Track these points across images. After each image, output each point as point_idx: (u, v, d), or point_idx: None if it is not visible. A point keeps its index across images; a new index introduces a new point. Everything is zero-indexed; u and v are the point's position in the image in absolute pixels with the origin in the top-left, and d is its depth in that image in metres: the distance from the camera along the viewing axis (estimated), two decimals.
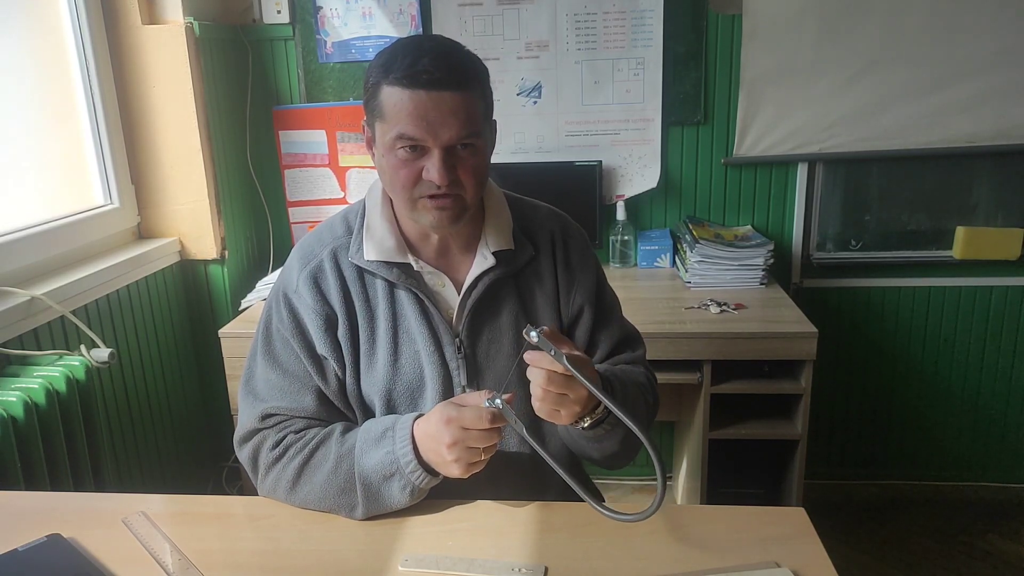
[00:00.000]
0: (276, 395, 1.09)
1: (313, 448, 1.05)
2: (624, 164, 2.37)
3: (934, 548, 2.27)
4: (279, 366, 1.09)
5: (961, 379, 2.45)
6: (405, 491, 0.99)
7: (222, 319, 2.23)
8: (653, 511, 0.83)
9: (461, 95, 0.97)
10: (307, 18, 2.33)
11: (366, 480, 1.00)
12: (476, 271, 1.10)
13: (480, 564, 0.91)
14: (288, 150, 2.43)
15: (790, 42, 2.20)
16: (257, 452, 1.08)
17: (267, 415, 1.09)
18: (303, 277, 1.09)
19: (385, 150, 1.00)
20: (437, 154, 0.98)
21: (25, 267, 1.72)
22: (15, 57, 1.78)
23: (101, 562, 0.94)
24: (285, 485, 1.05)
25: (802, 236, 2.37)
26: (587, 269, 1.17)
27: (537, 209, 1.20)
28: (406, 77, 0.95)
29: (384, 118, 0.98)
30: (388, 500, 1.00)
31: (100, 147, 2.02)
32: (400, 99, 0.96)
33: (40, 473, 1.45)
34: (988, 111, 2.18)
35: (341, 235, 1.12)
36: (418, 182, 1.00)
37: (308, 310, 1.08)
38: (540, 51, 2.31)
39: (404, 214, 1.08)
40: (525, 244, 1.14)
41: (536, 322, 1.14)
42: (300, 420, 1.09)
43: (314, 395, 1.09)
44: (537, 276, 1.14)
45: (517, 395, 1.07)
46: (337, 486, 1.01)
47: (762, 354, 1.90)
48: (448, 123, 0.97)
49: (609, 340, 1.17)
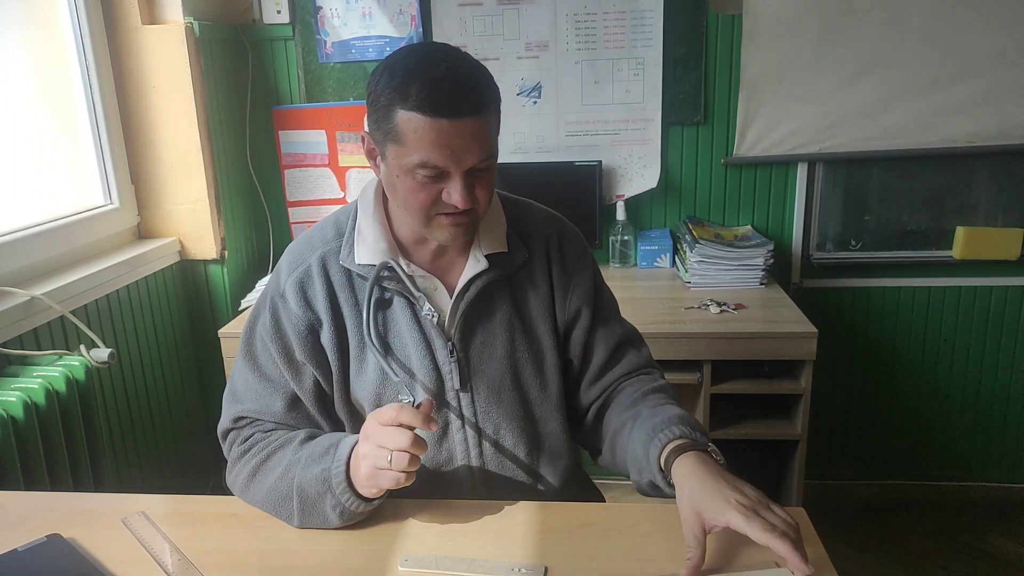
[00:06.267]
0: (250, 397, 1.11)
1: (271, 451, 1.06)
2: (624, 164, 2.37)
3: (934, 548, 2.27)
4: (256, 368, 1.11)
5: (961, 379, 2.45)
6: (335, 511, 0.98)
7: (222, 319, 2.23)
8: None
9: (481, 118, 0.96)
10: (307, 18, 2.33)
11: (303, 494, 0.99)
12: (469, 274, 1.09)
13: (480, 564, 0.91)
14: (288, 150, 2.43)
15: (790, 42, 2.20)
16: (230, 448, 1.12)
17: (239, 417, 1.11)
18: (290, 282, 1.09)
19: (401, 172, 0.99)
20: (459, 179, 0.97)
21: (25, 267, 1.72)
22: (15, 57, 1.77)
23: (101, 562, 0.94)
24: (241, 482, 1.07)
25: (802, 236, 2.37)
26: (584, 271, 1.16)
27: (532, 211, 1.19)
28: (427, 105, 0.92)
29: (401, 142, 0.96)
30: (320, 517, 0.99)
31: (100, 147, 2.02)
32: (420, 126, 0.94)
33: (40, 473, 1.45)
34: (988, 111, 2.18)
35: (331, 239, 1.11)
36: (436, 202, 1.00)
37: (291, 315, 1.08)
38: (540, 51, 2.31)
39: (412, 228, 1.07)
40: (519, 247, 1.13)
41: (529, 325, 1.12)
42: (269, 423, 1.11)
43: (285, 400, 1.10)
44: (531, 279, 1.13)
45: (508, 404, 1.09)
46: (279, 493, 1.01)
47: (762, 354, 1.90)
48: (470, 149, 0.96)
49: (608, 341, 1.16)
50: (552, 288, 1.14)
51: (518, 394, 1.12)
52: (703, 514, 0.87)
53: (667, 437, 0.97)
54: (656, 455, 0.97)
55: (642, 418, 1.05)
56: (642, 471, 1.01)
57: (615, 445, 1.10)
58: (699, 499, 0.88)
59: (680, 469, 0.93)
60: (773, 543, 0.82)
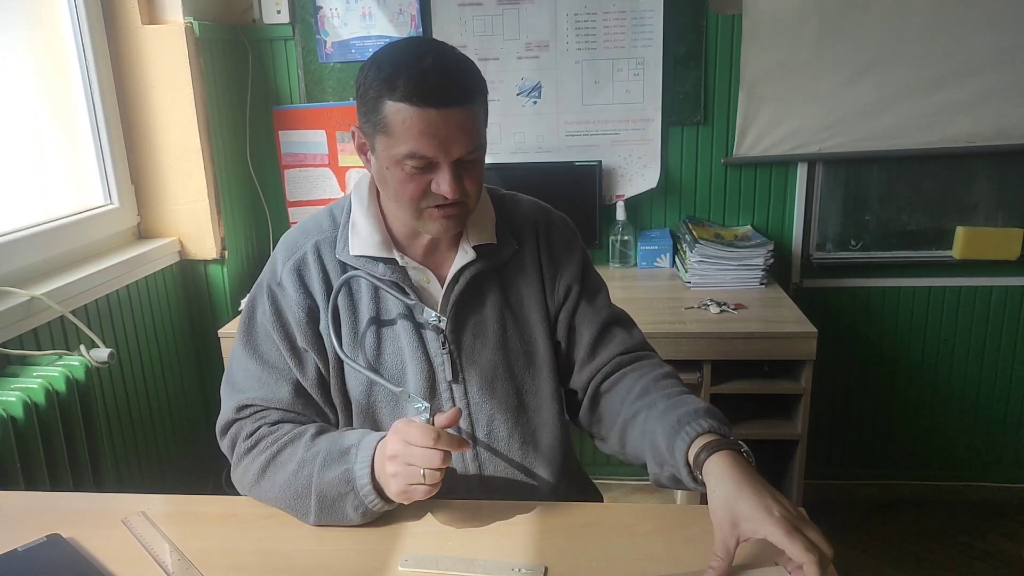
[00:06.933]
0: (254, 386, 1.09)
1: (281, 446, 1.05)
2: (624, 164, 2.37)
3: (934, 548, 2.27)
4: (259, 357, 1.10)
5: (961, 379, 2.45)
6: (358, 511, 0.98)
7: (222, 319, 2.23)
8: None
9: (468, 109, 0.97)
10: (307, 18, 2.33)
11: (321, 493, 0.99)
12: (458, 265, 1.10)
13: (480, 564, 0.91)
14: (288, 150, 2.43)
15: (790, 42, 2.20)
16: (234, 442, 1.10)
17: (243, 406, 1.09)
18: (287, 269, 1.09)
19: (390, 163, 1.00)
20: (448, 169, 0.98)
21: (25, 267, 1.72)
22: (15, 57, 1.77)
23: (101, 562, 0.94)
24: (250, 478, 1.06)
25: (802, 236, 2.37)
26: (571, 255, 1.17)
27: (519, 203, 1.20)
28: (414, 95, 0.94)
29: (390, 134, 0.97)
30: (340, 516, 0.99)
31: (100, 147, 2.02)
32: (408, 117, 0.95)
33: (40, 473, 1.45)
34: (988, 111, 2.18)
35: (327, 229, 1.12)
36: (426, 194, 1.01)
37: (290, 302, 1.08)
38: (540, 51, 2.31)
39: (404, 220, 1.08)
40: (508, 239, 1.14)
41: (521, 316, 1.13)
42: (275, 412, 1.09)
43: (291, 387, 1.09)
44: (521, 270, 1.14)
45: (501, 394, 1.08)
46: (294, 490, 1.01)
47: (762, 354, 1.90)
48: (458, 139, 0.97)
49: (595, 320, 1.15)
50: (542, 276, 1.15)
51: (511, 385, 1.13)
52: (740, 524, 0.82)
53: (695, 431, 0.93)
54: (684, 449, 0.93)
55: (660, 408, 1.02)
56: (663, 464, 0.99)
57: (625, 434, 1.08)
58: (737, 506, 0.83)
59: (713, 468, 0.88)
60: (808, 569, 0.78)
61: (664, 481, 1.01)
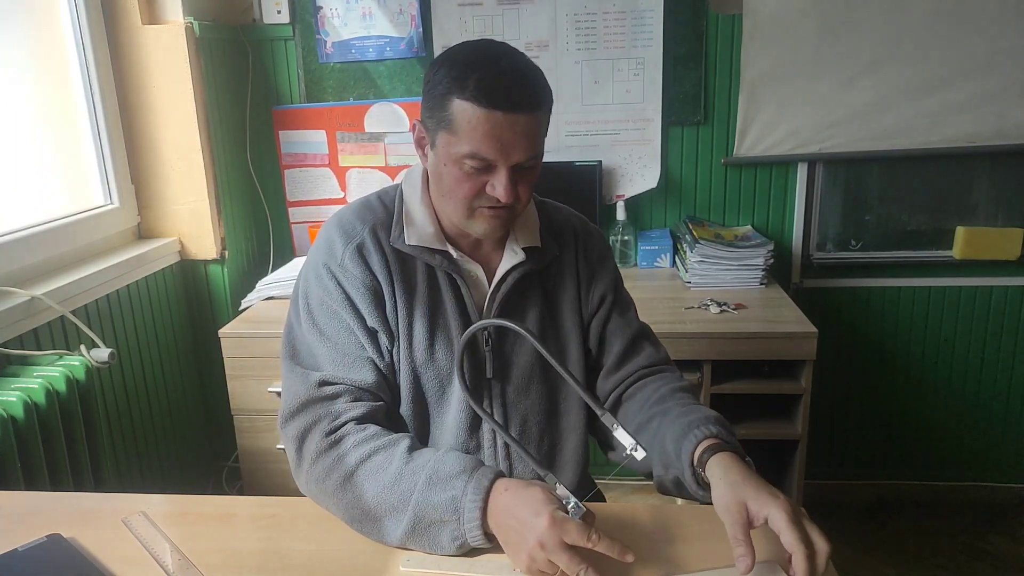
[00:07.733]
0: (330, 365, 1.05)
1: (373, 450, 0.98)
2: (624, 164, 2.37)
3: (934, 548, 2.27)
4: (328, 339, 1.07)
5: (961, 379, 2.45)
6: (455, 542, 0.91)
7: (222, 319, 2.23)
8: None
9: (534, 116, 0.98)
10: (307, 18, 2.33)
11: (420, 512, 0.91)
12: (507, 264, 1.12)
13: (481, 565, 0.91)
14: (288, 150, 2.43)
15: (790, 42, 2.20)
16: (307, 432, 1.01)
17: (324, 382, 1.04)
18: (349, 251, 1.08)
19: (449, 160, 1.01)
20: (505, 172, 0.99)
21: (25, 267, 1.72)
22: (15, 57, 1.77)
23: (101, 562, 0.94)
24: (335, 479, 0.97)
25: (802, 236, 2.37)
26: (606, 266, 1.21)
27: (559, 209, 1.24)
28: (484, 96, 0.95)
29: (454, 131, 0.98)
30: (430, 542, 0.92)
31: (100, 147, 2.02)
32: (475, 117, 0.96)
33: (40, 473, 1.45)
34: (988, 111, 2.18)
35: (382, 215, 1.12)
36: (479, 194, 1.02)
37: (357, 283, 1.07)
38: (540, 51, 2.31)
39: (454, 219, 1.08)
40: (551, 243, 1.17)
41: (558, 319, 1.16)
42: (357, 391, 1.05)
43: (370, 367, 1.07)
44: (560, 275, 1.17)
45: (535, 395, 1.10)
46: (389, 504, 0.93)
47: (762, 354, 1.90)
48: (520, 145, 0.98)
49: (626, 331, 1.18)
50: (579, 282, 1.18)
51: (545, 387, 1.15)
52: (748, 503, 0.83)
53: (703, 434, 0.95)
54: (690, 450, 0.95)
55: (672, 415, 1.03)
56: (669, 466, 1.00)
57: (638, 438, 1.08)
58: (744, 489, 0.85)
59: (718, 463, 0.90)
60: (798, 561, 0.79)
61: (667, 485, 1.02)
